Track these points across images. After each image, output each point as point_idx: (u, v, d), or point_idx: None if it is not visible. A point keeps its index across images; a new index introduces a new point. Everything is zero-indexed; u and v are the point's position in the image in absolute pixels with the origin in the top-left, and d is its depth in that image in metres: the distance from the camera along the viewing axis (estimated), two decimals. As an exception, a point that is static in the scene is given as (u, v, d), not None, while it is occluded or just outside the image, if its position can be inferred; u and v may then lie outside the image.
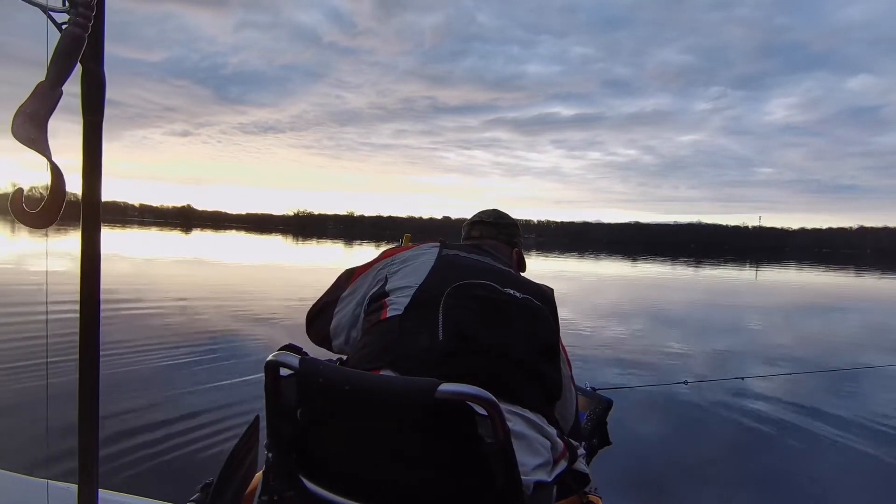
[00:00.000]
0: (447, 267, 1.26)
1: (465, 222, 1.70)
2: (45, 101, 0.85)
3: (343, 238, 64.92)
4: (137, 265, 14.95)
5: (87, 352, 1.02)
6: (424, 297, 1.17)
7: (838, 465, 3.50)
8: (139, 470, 2.78)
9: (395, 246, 1.38)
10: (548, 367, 1.19)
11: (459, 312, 1.13)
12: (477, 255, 1.36)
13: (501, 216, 1.67)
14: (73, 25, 0.85)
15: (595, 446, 1.55)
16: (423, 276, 1.22)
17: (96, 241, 1.05)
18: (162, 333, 6.07)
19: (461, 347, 1.08)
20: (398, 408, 0.89)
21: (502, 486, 0.89)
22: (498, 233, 1.63)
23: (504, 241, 1.63)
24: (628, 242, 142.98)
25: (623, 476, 3.02)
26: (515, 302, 1.20)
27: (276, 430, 1.02)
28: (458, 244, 1.46)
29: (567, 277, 18.25)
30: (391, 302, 1.19)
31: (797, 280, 22.76)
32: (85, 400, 1.02)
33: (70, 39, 0.85)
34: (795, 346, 7.64)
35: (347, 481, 0.98)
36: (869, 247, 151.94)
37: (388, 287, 1.23)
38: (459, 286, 1.17)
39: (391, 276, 1.27)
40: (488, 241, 1.60)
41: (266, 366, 0.99)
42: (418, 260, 1.29)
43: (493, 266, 1.33)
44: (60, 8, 0.84)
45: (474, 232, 1.64)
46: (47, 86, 0.85)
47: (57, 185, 0.90)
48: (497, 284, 1.21)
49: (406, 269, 1.27)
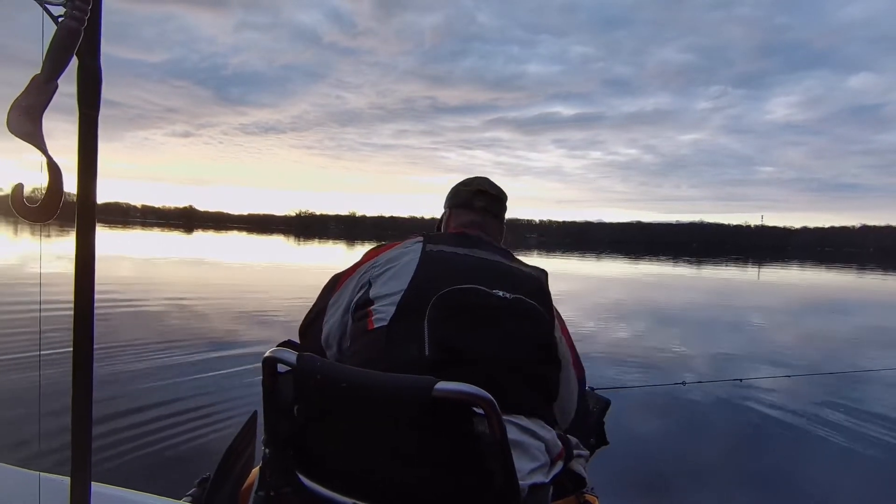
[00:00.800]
0: (432, 267, 1.20)
1: (461, 186, 1.55)
2: (41, 94, 0.84)
3: (345, 238, 64.91)
4: (159, 266, 14.97)
5: (81, 342, 1.01)
6: (409, 306, 1.13)
7: (837, 466, 3.49)
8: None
9: (379, 245, 1.32)
10: (543, 367, 1.17)
11: (445, 325, 1.10)
12: (463, 249, 1.29)
13: (500, 190, 1.57)
14: (70, 18, 0.84)
15: (592, 446, 1.53)
16: (408, 281, 1.17)
17: (91, 234, 1.04)
18: (182, 327, 6.09)
19: (448, 361, 1.07)
20: (395, 405, 0.89)
21: (499, 484, 0.89)
22: (500, 208, 1.55)
23: (499, 217, 1.55)
24: (630, 242, 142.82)
25: (620, 476, 3.01)
26: (505, 305, 1.16)
27: (274, 427, 1.02)
28: (443, 235, 1.39)
29: (571, 278, 18.22)
30: (376, 311, 1.16)
31: (802, 281, 22.71)
32: (78, 391, 1.01)
33: (66, 32, 0.84)
34: (799, 347, 7.62)
35: (344, 478, 0.98)
36: (871, 246, 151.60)
37: (372, 293, 1.19)
38: (444, 295, 1.13)
39: (374, 280, 1.22)
40: (487, 218, 1.51)
41: (263, 362, 0.99)
42: (401, 261, 1.23)
43: (481, 261, 1.27)
44: (56, 1, 0.83)
45: (478, 202, 1.51)
46: (42, 79, 0.84)
47: (54, 178, 0.90)
48: (484, 287, 1.16)
49: (389, 272, 1.22)
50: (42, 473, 1.22)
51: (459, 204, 1.53)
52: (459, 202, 1.53)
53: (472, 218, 1.49)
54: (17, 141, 0.89)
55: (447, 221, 1.54)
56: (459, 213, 1.51)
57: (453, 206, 1.54)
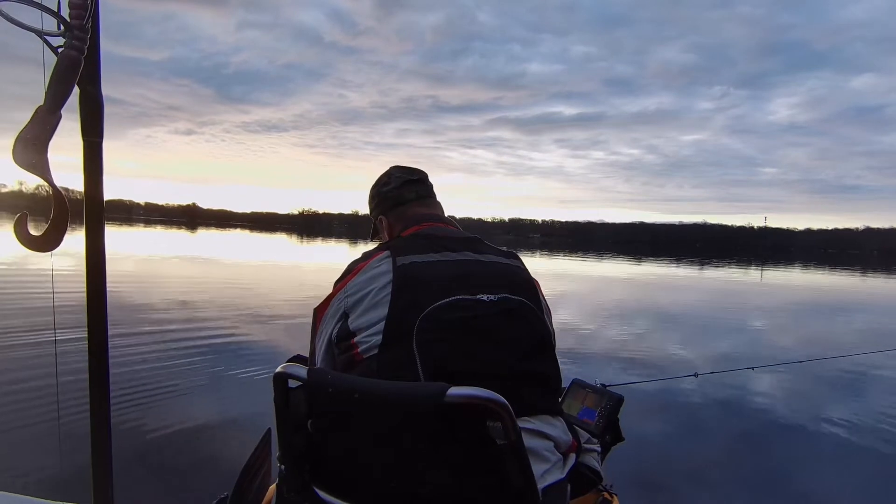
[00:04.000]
0: (409, 287, 1.13)
1: (382, 189, 1.46)
2: (45, 125, 0.84)
3: (349, 237, 64.96)
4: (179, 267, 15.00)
5: (97, 375, 1.02)
6: (395, 333, 1.07)
7: (840, 461, 3.47)
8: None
9: (348, 269, 1.24)
10: (542, 363, 1.15)
11: (436, 347, 1.06)
12: (435, 254, 1.21)
13: (419, 171, 1.49)
14: (69, 48, 0.84)
15: (608, 443, 1.53)
16: (387, 307, 1.10)
17: (101, 255, 1.05)
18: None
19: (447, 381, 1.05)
20: (409, 413, 0.90)
21: (517, 486, 0.90)
22: (428, 186, 1.47)
23: (433, 194, 1.47)
24: (634, 242, 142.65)
25: (638, 473, 3.00)
26: (491, 310, 1.12)
27: (288, 442, 1.02)
28: (406, 242, 1.27)
29: (577, 279, 18.20)
30: (360, 342, 1.10)
31: (809, 284, 22.63)
32: (97, 419, 1.02)
33: (66, 62, 0.85)
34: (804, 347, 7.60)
35: (360, 489, 0.98)
36: (875, 248, 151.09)
37: (351, 325, 1.13)
38: (429, 315, 1.08)
39: (350, 310, 1.15)
40: (430, 202, 1.44)
41: (274, 378, 0.99)
42: (375, 285, 1.14)
43: (456, 264, 1.20)
44: (56, 32, 0.83)
45: (409, 194, 1.43)
46: (46, 110, 0.84)
47: (60, 208, 0.91)
48: (467, 294, 1.11)
49: (366, 300, 1.14)
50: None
51: (394, 204, 1.44)
52: (392, 203, 1.44)
53: (417, 212, 1.41)
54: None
55: (389, 227, 1.44)
56: (399, 213, 1.42)
57: (388, 209, 1.45)
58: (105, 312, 1.02)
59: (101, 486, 0.99)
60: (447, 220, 1.41)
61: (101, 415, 1.00)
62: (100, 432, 0.97)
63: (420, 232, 1.32)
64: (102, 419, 0.99)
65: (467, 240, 1.29)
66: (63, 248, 0.93)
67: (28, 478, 2.65)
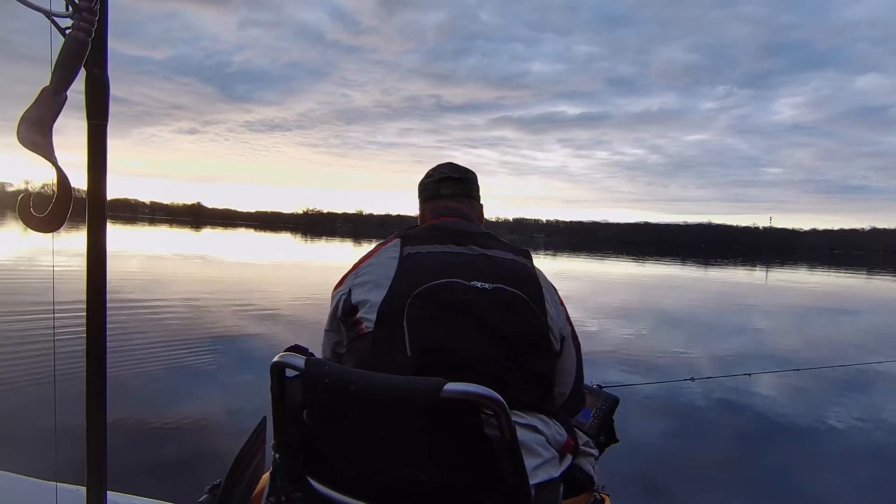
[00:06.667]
0: (410, 268, 1.19)
1: (426, 180, 1.53)
2: (50, 106, 0.84)
3: (352, 236, 64.98)
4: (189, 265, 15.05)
5: (94, 354, 1.02)
6: (391, 309, 1.12)
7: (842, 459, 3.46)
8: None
9: (362, 257, 1.32)
10: (533, 359, 1.13)
11: (425, 323, 1.08)
12: (441, 245, 1.26)
13: (465, 170, 1.53)
14: (77, 30, 0.84)
15: (602, 444, 1.53)
16: (388, 285, 1.16)
17: (102, 243, 1.05)
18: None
19: (433, 361, 1.05)
20: (404, 407, 0.89)
21: (510, 484, 0.89)
22: (468, 188, 1.51)
23: (474, 197, 1.51)
24: (639, 242, 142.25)
25: (631, 474, 3.01)
26: (484, 297, 1.12)
27: (283, 432, 1.02)
28: (419, 231, 1.35)
29: (582, 279, 18.17)
30: (363, 317, 1.15)
31: (815, 285, 22.50)
32: (92, 402, 1.02)
33: (74, 44, 0.85)
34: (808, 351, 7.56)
35: (354, 481, 0.98)
36: (881, 248, 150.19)
37: (354, 299, 1.19)
38: (420, 293, 1.11)
39: (356, 287, 1.22)
40: (462, 202, 1.47)
41: (272, 367, 0.99)
42: (381, 267, 1.22)
43: (458, 254, 1.23)
44: (64, 13, 0.83)
45: (445, 190, 1.48)
46: (51, 91, 0.84)
47: (63, 189, 0.90)
48: (462, 279, 1.14)
49: (371, 278, 1.21)
50: (59, 484, 1.23)
51: (430, 197, 1.50)
52: (429, 195, 1.50)
53: (446, 206, 1.45)
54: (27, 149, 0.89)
55: (421, 217, 1.52)
56: (432, 205, 1.48)
57: (425, 200, 1.52)
58: (104, 298, 1.02)
59: (95, 469, 0.99)
60: (468, 216, 1.44)
61: (98, 406, 1.00)
62: (95, 415, 0.97)
63: (435, 224, 1.38)
64: (99, 411, 1.00)
65: (477, 234, 1.32)
66: (62, 248, 0.93)
67: (24, 456, 2.67)
